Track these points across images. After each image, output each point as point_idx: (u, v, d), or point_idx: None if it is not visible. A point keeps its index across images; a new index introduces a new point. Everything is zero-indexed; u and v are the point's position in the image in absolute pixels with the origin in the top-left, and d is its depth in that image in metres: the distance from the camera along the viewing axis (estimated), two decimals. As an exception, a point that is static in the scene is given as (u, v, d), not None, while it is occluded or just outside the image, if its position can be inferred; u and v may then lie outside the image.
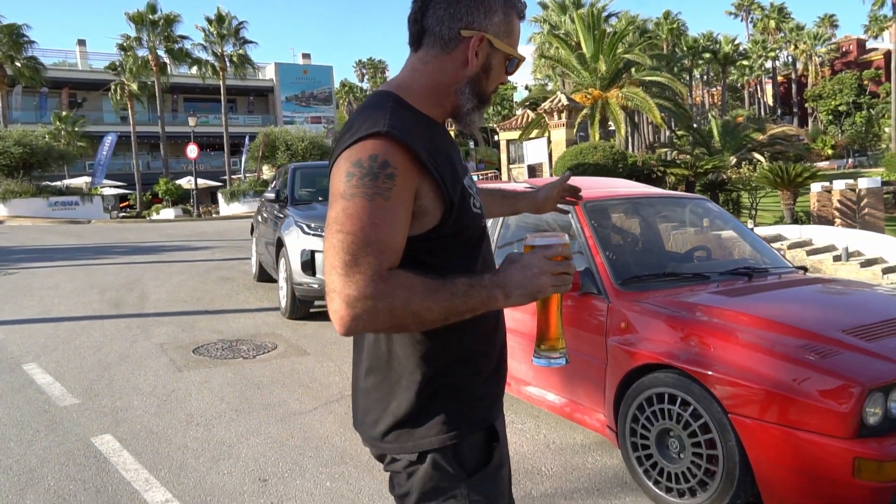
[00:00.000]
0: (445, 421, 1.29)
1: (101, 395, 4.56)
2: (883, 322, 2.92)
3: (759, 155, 24.01)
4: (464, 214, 1.26)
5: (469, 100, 1.32)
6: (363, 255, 1.11)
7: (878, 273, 11.30)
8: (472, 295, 1.17)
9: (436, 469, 1.28)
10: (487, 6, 1.28)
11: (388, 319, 1.13)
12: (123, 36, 34.54)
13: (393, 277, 1.13)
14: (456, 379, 1.31)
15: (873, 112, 54.88)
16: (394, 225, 1.15)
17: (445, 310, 1.15)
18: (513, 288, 1.18)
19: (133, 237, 17.90)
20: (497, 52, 1.30)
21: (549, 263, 1.19)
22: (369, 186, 1.14)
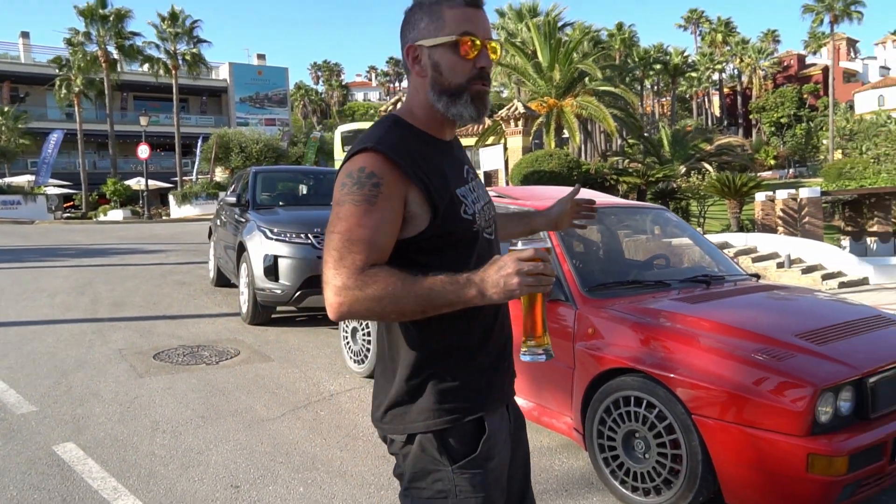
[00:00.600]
0: (431, 408, 1.41)
1: (60, 402, 4.46)
2: (831, 327, 3.12)
3: (707, 164, 24.78)
4: (451, 219, 1.41)
5: (440, 100, 1.44)
6: (349, 252, 1.32)
7: (818, 279, 11.83)
8: (449, 290, 1.30)
9: (424, 451, 1.42)
10: (413, 22, 1.44)
11: (368, 307, 1.30)
12: (71, 30, 33.45)
13: (375, 271, 1.31)
14: (443, 369, 1.43)
15: (812, 125, 57.24)
16: (378, 227, 1.33)
17: (421, 302, 1.30)
18: (488, 286, 1.29)
19: (81, 239, 17.38)
20: (436, 49, 1.41)
21: (521, 264, 1.27)
22: (357, 194, 1.34)
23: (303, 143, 39.03)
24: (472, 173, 1.58)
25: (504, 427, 1.54)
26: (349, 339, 5.22)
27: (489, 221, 1.54)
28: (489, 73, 1.46)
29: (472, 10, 1.43)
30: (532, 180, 17.67)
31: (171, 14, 34.51)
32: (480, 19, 1.44)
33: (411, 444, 1.43)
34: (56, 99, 35.84)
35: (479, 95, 1.45)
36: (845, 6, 47.91)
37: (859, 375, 2.71)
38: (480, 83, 1.44)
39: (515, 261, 1.27)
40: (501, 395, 1.54)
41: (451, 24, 1.41)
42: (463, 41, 1.41)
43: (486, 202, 1.57)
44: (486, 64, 1.44)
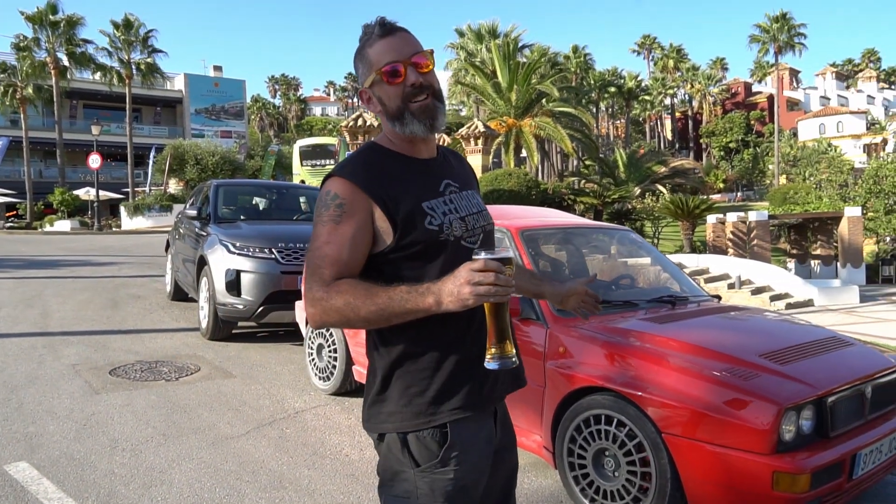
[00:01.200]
0: (398, 410, 1.52)
1: (11, 420, 4.29)
2: (791, 347, 3.23)
3: (661, 186, 25.42)
4: (414, 231, 1.50)
5: (394, 125, 1.58)
6: (318, 266, 1.47)
7: (767, 300, 12.24)
8: (407, 299, 1.39)
9: (390, 451, 1.53)
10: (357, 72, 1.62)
11: (336, 316, 1.43)
12: (19, 36, 32.48)
13: (339, 283, 1.45)
14: (411, 373, 1.52)
15: (759, 150, 59.35)
16: (343, 244, 1.47)
17: (381, 310, 1.40)
18: (444, 295, 1.35)
19: (27, 250, 16.77)
20: (373, 87, 1.57)
21: (473, 274, 1.32)
22: (325, 215, 1.50)
23: (260, 157, 38.64)
24: (457, 186, 1.64)
25: (482, 436, 1.57)
26: (314, 356, 5.16)
27: (473, 231, 1.60)
28: (428, 84, 1.55)
29: (389, 38, 1.55)
30: (491, 199, 17.84)
31: (125, 22, 33.89)
32: (399, 43, 1.55)
33: (382, 442, 1.55)
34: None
35: (421, 110, 1.54)
36: (789, 38, 50.03)
37: (820, 395, 2.82)
38: (419, 99, 1.54)
39: (468, 271, 1.33)
40: (478, 402, 1.55)
41: (375, 60, 1.55)
42: (382, 73, 1.53)
43: (473, 213, 1.63)
44: (415, 80, 1.54)
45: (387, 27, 1.55)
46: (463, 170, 1.75)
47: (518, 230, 3.98)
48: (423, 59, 1.55)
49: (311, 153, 27.11)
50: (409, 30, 1.60)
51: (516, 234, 3.94)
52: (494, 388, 1.60)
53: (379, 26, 1.55)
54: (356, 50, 1.59)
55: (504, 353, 1.40)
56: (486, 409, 1.60)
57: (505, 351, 1.41)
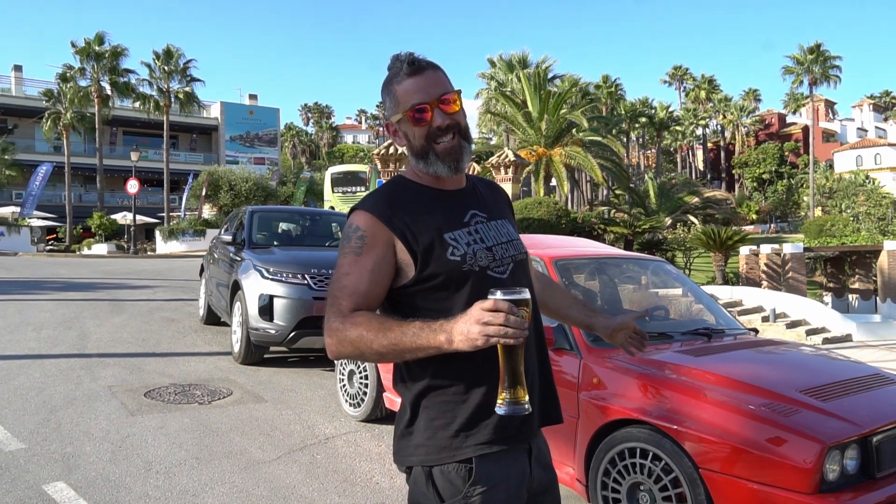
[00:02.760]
0: (424, 443, 1.50)
1: (50, 440, 4.37)
2: (833, 384, 3.16)
3: (692, 217, 25.18)
4: (435, 262, 1.49)
5: (418, 162, 1.59)
6: (337, 297, 1.48)
7: (803, 334, 11.95)
8: (420, 336, 1.36)
9: (416, 484, 1.51)
10: (384, 102, 1.62)
11: (350, 348, 1.43)
12: (65, 66, 33.72)
13: (355, 315, 1.44)
14: (436, 406, 1.50)
15: (793, 182, 58.50)
16: (362, 275, 1.48)
17: (393, 345, 1.37)
18: (455, 334, 1.31)
19: (66, 272, 17.18)
20: (400, 123, 1.58)
21: (483, 314, 1.28)
22: (346, 247, 1.53)
23: (292, 183, 39.22)
24: (481, 217, 1.61)
25: (512, 474, 1.51)
26: (345, 383, 5.18)
27: (501, 261, 1.57)
28: (454, 124, 1.55)
29: (416, 78, 1.53)
30: (521, 227, 17.85)
31: (166, 52, 34.97)
32: (427, 83, 1.53)
33: (409, 475, 1.54)
34: (44, 132, 35.87)
35: (446, 152, 1.54)
36: (823, 69, 49.53)
37: (864, 434, 2.74)
38: (445, 139, 1.54)
39: (479, 310, 1.29)
40: (506, 437, 1.49)
41: (402, 100, 1.54)
42: (409, 116, 1.54)
43: (501, 243, 1.60)
44: (441, 122, 1.53)
45: (415, 65, 1.54)
46: (494, 198, 1.73)
47: (552, 259, 3.97)
48: (451, 99, 1.54)
49: (343, 180, 27.48)
50: (438, 65, 1.58)
51: (550, 263, 3.93)
52: (525, 423, 1.53)
53: (407, 64, 1.54)
54: (384, 81, 1.58)
55: (515, 398, 1.34)
56: (517, 446, 1.54)
57: (517, 396, 1.34)
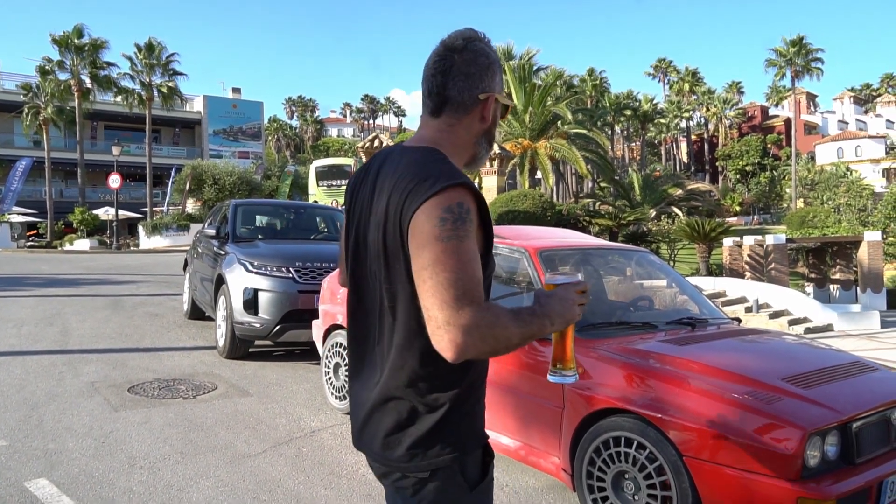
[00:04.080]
0: (455, 441, 1.44)
1: (32, 437, 4.32)
2: (814, 371, 3.19)
3: (676, 209, 25.32)
4: (491, 258, 1.47)
5: (484, 147, 1.58)
6: (467, 289, 1.27)
7: (785, 324, 12.09)
8: (533, 323, 1.36)
9: (445, 483, 1.43)
10: (493, 72, 1.54)
11: (493, 344, 1.28)
12: (45, 58, 33.22)
13: (492, 307, 1.30)
14: (467, 405, 1.47)
15: (776, 174, 59.04)
16: (478, 262, 1.33)
17: (521, 335, 1.33)
18: (555, 316, 1.40)
19: (47, 268, 16.98)
20: (498, 104, 1.56)
21: (578, 296, 1.46)
22: (461, 230, 1.31)
23: (277, 177, 38.98)
24: None
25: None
26: (331, 376, 5.17)
27: None
28: None
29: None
30: (507, 220, 17.85)
31: (148, 45, 34.51)
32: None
33: (432, 479, 1.43)
34: (23, 126, 35.36)
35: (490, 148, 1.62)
36: (806, 62, 49.88)
37: (845, 420, 2.78)
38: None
39: (573, 293, 1.45)
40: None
41: (502, 87, 1.57)
42: (510, 107, 1.62)
43: None
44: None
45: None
46: None
47: (536, 251, 3.98)
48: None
49: (328, 174, 27.35)
50: None
51: (534, 254, 3.94)
52: None
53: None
54: (496, 59, 1.55)
55: (572, 367, 1.57)
56: None
57: (571, 366, 1.56)
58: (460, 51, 1.50)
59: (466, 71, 1.50)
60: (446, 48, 1.51)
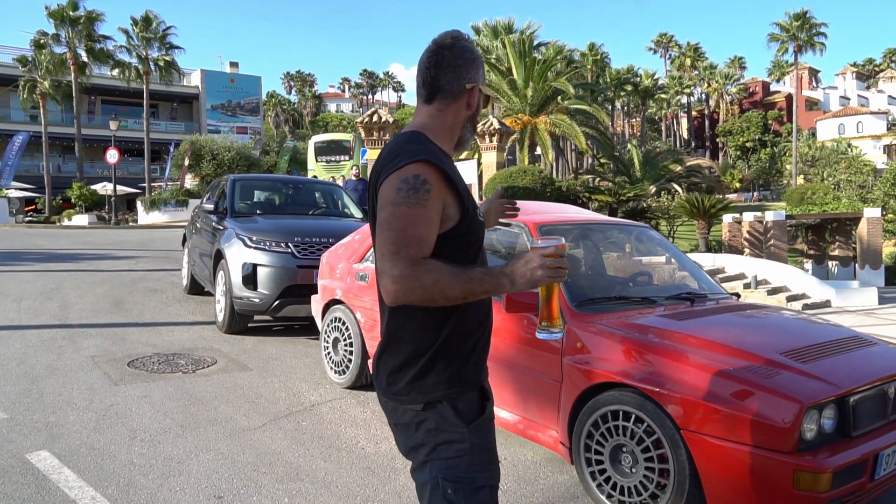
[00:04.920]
0: (446, 380, 1.66)
1: (32, 410, 4.34)
2: (813, 346, 3.20)
3: (676, 185, 25.24)
4: (473, 221, 1.70)
5: (469, 131, 1.82)
6: (405, 246, 1.53)
7: (783, 301, 12.11)
8: (486, 280, 1.56)
9: (440, 418, 1.66)
10: (477, 66, 1.78)
11: (422, 293, 1.52)
12: (40, 31, 32.83)
13: (426, 263, 1.53)
14: (455, 350, 1.69)
15: (776, 150, 58.76)
16: (427, 226, 1.57)
17: (464, 290, 1.55)
18: (517, 277, 1.55)
19: (46, 243, 16.95)
20: (481, 95, 1.80)
21: (544, 259, 1.55)
22: (413, 198, 1.57)
23: (275, 153, 38.75)
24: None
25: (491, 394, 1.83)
26: (330, 350, 5.18)
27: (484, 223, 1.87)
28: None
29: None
30: (507, 196, 17.78)
31: (145, 18, 34.12)
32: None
33: (427, 412, 1.66)
34: (20, 100, 35.07)
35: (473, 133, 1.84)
36: (809, 37, 49.40)
37: (842, 394, 2.79)
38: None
39: (539, 256, 1.55)
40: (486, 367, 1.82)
41: (485, 80, 1.81)
42: (490, 97, 1.82)
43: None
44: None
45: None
46: None
47: (536, 225, 3.96)
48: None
49: (326, 149, 27.20)
50: None
51: (534, 229, 3.93)
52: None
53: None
54: (477, 55, 1.77)
55: (558, 325, 1.67)
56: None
57: (557, 324, 1.67)
58: (450, 48, 1.73)
59: (455, 64, 1.73)
60: (438, 45, 1.74)
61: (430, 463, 1.66)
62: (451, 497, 1.63)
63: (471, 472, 1.64)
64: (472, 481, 1.64)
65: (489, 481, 1.67)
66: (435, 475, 1.64)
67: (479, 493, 1.64)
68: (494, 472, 1.70)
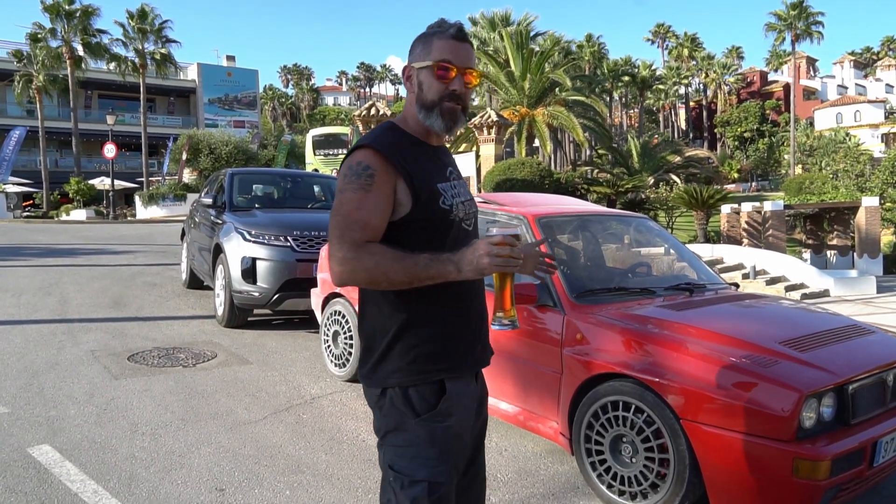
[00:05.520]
0: (398, 369, 1.68)
1: (33, 404, 4.35)
2: (811, 335, 3.21)
3: (674, 176, 25.25)
4: (430, 208, 1.67)
5: (420, 112, 1.74)
6: (349, 230, 1.59)
7: (782, 290, 12.13)
8: (431, 266, 1.56)
9: (392, 405, 1.68)
10: (413, 48, 1.76)
11: (364, 276, 1.58)
12: (35, 25, 32.69)
13: (369, 246, 1.58)
14: (416, 334, 1.68)
15: (774, 140, 58.68)
16: (372, 210, 1.61)
17: (407, 274, 1.56)
18: (464, 264, 1.56)
19: (44, 238, 16.94)
20: (421, 70, 1.72)
21: (491, 248, 1.53)
22: (355, 183, 1.62)
23: (273, 146, 38.68)
24: (455, 174, 1.84)
25: (469, 393, 1.76)
26: (330, 343, 5.19)
27: (469, 215, 1.81)
28: (463, 96, 1.72)
29: (457, 42, 1.71)
30: (504, 188, 17.77)
31: (140, 12, 33.98)
32: (463, 51, 1.71)
33: (384, 397, 1.69)
34: (15, 95, 34.93)
35: (450, 112, 1.71)
36: (806, 26, 49.29)
37: (840, 382, 2.80)
38: (452, 103, 1.71)
39: (486, 244, 1.55)
40: (471, 364, 1.77)
41: (436, 52, 1.70)
42: (439, 66, 1.69)
43: (467, 199, 1.83)
44: (458, 87, 1.70)
45: (462, 34, 1.72)
46: (455, 161, 1.93)
47: (535, 217, 3.96)
48: (474, 75, 1.73)
49: (324, 142, 27.14)
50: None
51: (533, 221, 3.92)
52: (484, 354, 1.84)
53: (457, 30, 1.72)
54: (423, 34, 1.73)
55: (511, 316, 1.65)
56: (475, 371, 1.81)
57: (512, 314, 1.65)
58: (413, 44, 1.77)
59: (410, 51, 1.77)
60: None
61: (383, 448, 1.71)
62: (392, 484, 1.67)
63: (414, 464, 1.64)
64: (411, 473, 1.64)
65: (430, 477, 1.64)
66: (385, 460, 1.70)
67: (415, 486, 1.63)
68: (440, 469, 1.66)
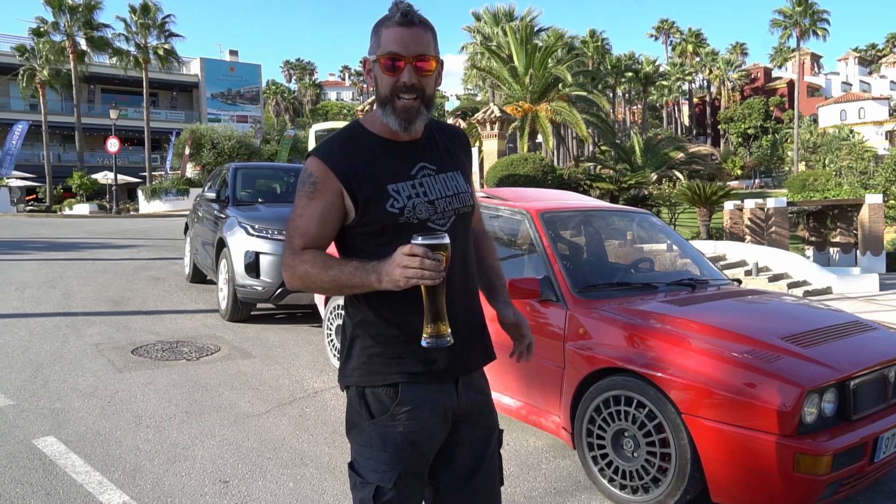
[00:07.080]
0: (356, 368, 1.67)
1: (38, 396, 4.38)
2: (813, 331, 3.22)
3: (677, 172, 25.19)
4: (374, 212, 1.60)
5: (379, 108, 1.65)
6: (290, 236, 1.64)
7: (784, 287, 12.13)
8: (355, 275, 1.52)
9: (350, 403, 1.70)
10: (370, 40, 1.64)
11: (300, 281, 1.60)
12: (38, 19, 32.69)
13: (303, 254, 1.60)
14: (372, 337, 1.65)
15: (778, 137, 58.56)
16: (312, 217, 1.61)
17: (333, 282, 1.55)
18: (383, 275, 1.47)
19: (48, 232, 16.98)
20: (374, 64, 1.62)
21: (402, 258, 1.42)
22: (301, 191, 1.64)
23: (276, 141, 38.66)
24: (430, 170, 1.68)
25: (439, 401, 1.65)
26: (333, 337, 5.21)
27: (443, 214, 1.66)
28: (420, 87, 1.58)
29: (403, 29, 1.56)
30: (507, 183, 17.77)
31: (143, 6, 33.96)
32: (410, 38, 1.56)
33: (348, 395, 1.71)
34: (19, 89, 34.97)
35: (403, 109, 1.59)
36: (812, 22, 49.14)
37: (842, 378, 2.81)
38: (406, 97, 1.58)
39: (399, 255, 1.44)
40: (441, 371, 1.64)
41: (384, 43, 1.58)
42: (383, 59, 1.58)
43: (447, 196, 1.68)
44: (408, 79, 1.57)
45: (407, 17, 1.56)
46: (451, 148, 1.77)
47: (538, 213, 3.97)
48: (426, 61, 1.58)
49: (327, 137, 27.15)
50: (431, 26, 1.61)
51: (536, 216, 3.93)
52: (456, 362, 1.67)
53: (401, 14, 1.56)
54: (377, 21, 1.62)
55: (437, 332, 1.50)
56: (443, 379, 1.67)
57: (439, 331, 1.50)
58: None
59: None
60: None
61: (349, 443, 1.72)
62: (350, 479, 1.68)
63: (368, 464, 1.63)
64: (364, 475, 1.63)
65: (378, 482, 1.60)
66: (351, 455, 1.71)
67: (364, 488, 1.62)
68: (389, 475, 1.60)
